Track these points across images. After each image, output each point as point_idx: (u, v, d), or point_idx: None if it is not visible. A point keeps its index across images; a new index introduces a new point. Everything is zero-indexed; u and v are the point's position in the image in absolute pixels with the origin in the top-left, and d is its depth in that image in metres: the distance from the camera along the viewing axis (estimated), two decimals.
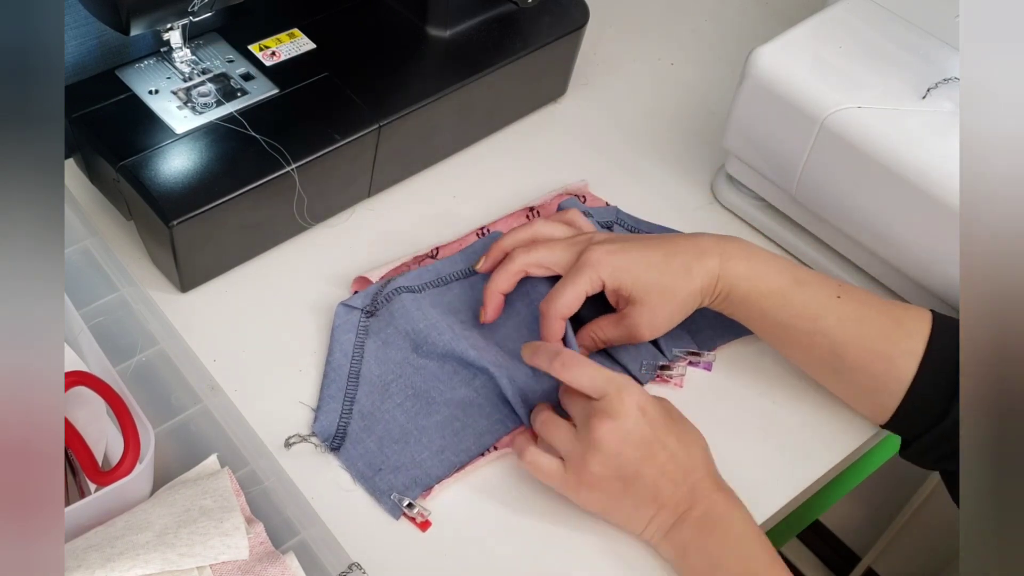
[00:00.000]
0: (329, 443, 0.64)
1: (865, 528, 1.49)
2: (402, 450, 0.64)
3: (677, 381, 0.71)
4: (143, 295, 0.64)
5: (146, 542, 0.51)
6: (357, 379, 0.67)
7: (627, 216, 0.80)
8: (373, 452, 0.64)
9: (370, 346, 0.69)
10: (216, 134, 0.70)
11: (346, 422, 0.65)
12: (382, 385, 0.67)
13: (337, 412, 0.65)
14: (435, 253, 0.75)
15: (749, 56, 0.74)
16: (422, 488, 0.63)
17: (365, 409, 0.66)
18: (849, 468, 0.74)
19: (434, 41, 0.80)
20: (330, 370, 0.67)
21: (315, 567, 0.55)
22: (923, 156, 0.67)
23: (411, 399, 0.67)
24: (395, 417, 0.66)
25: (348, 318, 0.70)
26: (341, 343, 0.69)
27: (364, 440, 0.65)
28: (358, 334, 0.69)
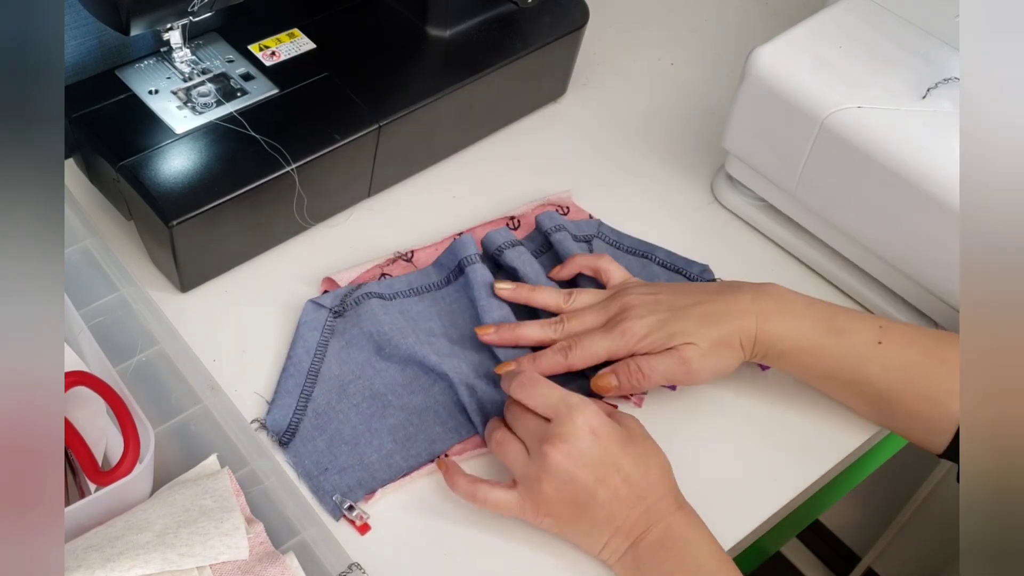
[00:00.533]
0: (279, 437, 0.64)
1: (865, 528, 1.49)
2: (351, 451, 0.64)
3: (637, 399, 0.69)
4: (143, 295, 0.64)
5: (146, 542, 0.51)
6: (316, 377, 0.67)
7: (608, 230, 0.79)
8: (322, 451, 0.64)
9: (333, 346, 0.69)
10: (216, 134, 0.70)
11: (299, 419, 0.65)
12: (340, 385, 0.67)
13: (291, 408, 0.65)
14: (410, 256, 0.75)
15: (749, 56, 0.74)
16: (365, 491, 0.62)
17: (320, 407, 0.66)
18: (849, 468, 0.74)
19: (434, 41, 0.80)
20: (290, 364, 0.67)
21: (315, 567, 0.55)
22: (923, 156, 0.67)
23: (367, 400, 0.66)
24: (349, 418, 0.65)
25: (315, 316, 0.69)
26: (305, 339, 0.68)
27: (315, 438, 0.64)
28: (323, 332, 0.69)
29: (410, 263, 0.74)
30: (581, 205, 0.81)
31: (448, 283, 0.73)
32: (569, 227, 0.77)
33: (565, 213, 0.80)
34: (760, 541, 0.70)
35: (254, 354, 0.69)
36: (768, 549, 1.11)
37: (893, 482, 1.34)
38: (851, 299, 0.78)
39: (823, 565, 1.57)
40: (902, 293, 0.75)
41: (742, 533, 0.65)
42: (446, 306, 0.72)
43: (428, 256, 0.75)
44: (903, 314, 0.76)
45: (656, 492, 0.59)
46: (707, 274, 0.77)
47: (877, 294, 0.77)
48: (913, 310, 0.76)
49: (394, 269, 0.74)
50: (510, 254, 0.74)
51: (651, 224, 0.81)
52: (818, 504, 0.87)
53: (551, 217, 0.77)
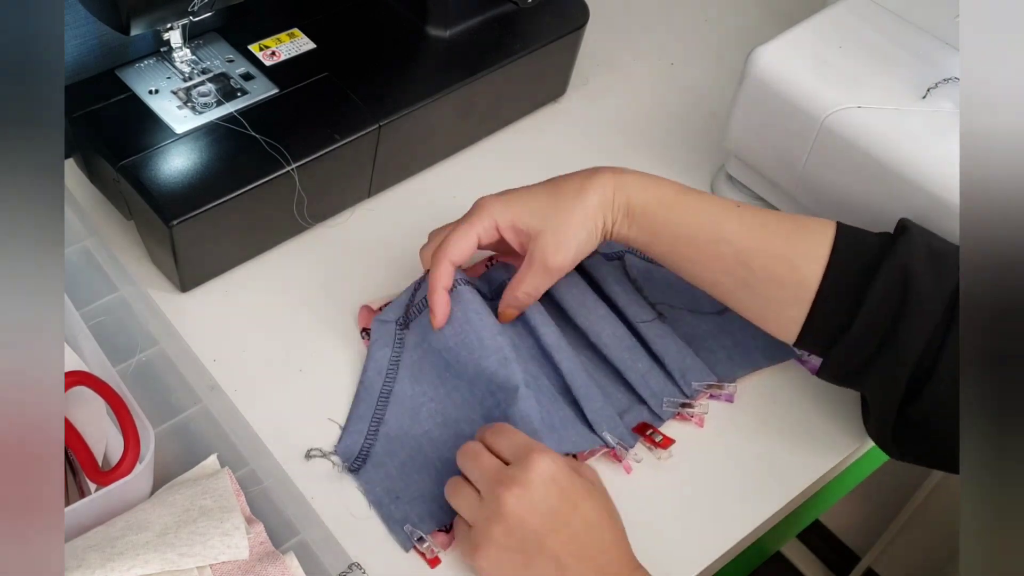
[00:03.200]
0: (350, 464, 0.63)
1: (865, 528, 1.49)
2: (423, 480, 0.63)
3: (698, 419, 0.69)
4: (143, 295, 0.64)
5: (146, 542, 0.51)
6: (388, 398, 0.66)
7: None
8: (394, 478, 0.63)
9: (405, 361, 0.68)
10: (216, 134, 0.70)
11: (370, 443, 0.64)
12: (413, 408, 0.66)
13: (362, 433, 0.64)
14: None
15: (749, 56, 0.74)
16: (437, 524, 0.61)
17: (392, 432, 0.65)
18: (849, 468, 0.74)
19: (434, 41, 0.80)
20: (362, 389, 0.66)
21: (315, 567, 0.55)
22: (923, 156, 0.67)
23: (439, 427, 0.66)
24: (421, 445, 0.65)
25: (383, 331, 0.68)
26: (376, 359, 0.67)
27: (386, 464, 0.63)
28: (394, 348, 0.68)
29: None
30: None
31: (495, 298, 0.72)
32: (600, 247, 0.75)
33: None
34: (760, 541, 0.70)
35: (254, 354, 0.69)
36: (768, 549, 1.11)
37: (893, 482, 1.34)
38: None
39: (823, 565, 1.57)
40: None
41: (742, 533, 0.65)
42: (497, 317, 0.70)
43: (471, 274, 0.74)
44: None
45: (607, 555, 0.57)
46: None
47: None
48: None
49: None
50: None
51: None
52: (818, 504, 0.87)
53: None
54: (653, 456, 0.66)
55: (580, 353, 0.70)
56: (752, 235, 0.63)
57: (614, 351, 0.69)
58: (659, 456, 0.66)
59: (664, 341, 0.70)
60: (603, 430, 0.66)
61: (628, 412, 0.68)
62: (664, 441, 0.67)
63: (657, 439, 0.67)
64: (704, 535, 0.64)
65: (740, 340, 0.72)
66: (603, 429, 0.66)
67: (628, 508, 0.63)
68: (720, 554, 0.64)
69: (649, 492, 0.66)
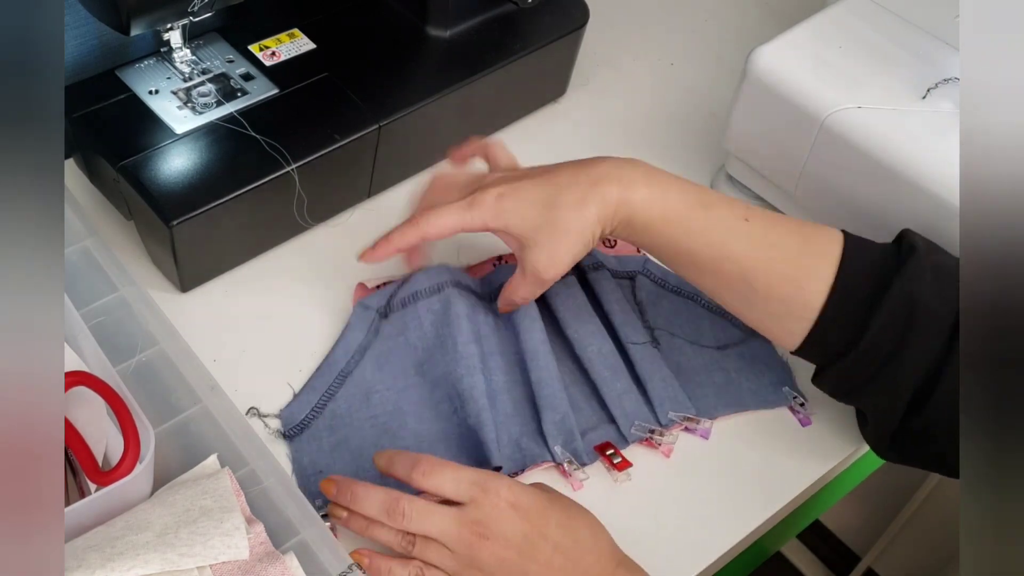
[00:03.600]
0: (286, 430, 0.64)
1: (865, 528, 1.49)
2: (351, 460, 0.63)
3: (665, 449, 0.67)
4: (143, 295, 0.64)
5: (146, 542, 0.51)
6: (345, 378, 0.67)
7: (655, 267, 0.76)
8: (324, 452, 0.63)
9: (375, 348, 0.68)
10: (216, 134, 0.70)
11: (314, 416, 0.65)
12: (366, 392, 0.66)
13: (310, 404, 0.65)
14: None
15: (749, 56, 0.74)
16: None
17: (339, 410, 0.65)
18: (849, 468, 0.74)
19: (434, 41, 0.80)
20: (325, 365, 0.67)
21: (315, 567, 0.55)
22: (923, 156, 0.67)
23: (388, 415, 0.65)
24: (362, 428, 0.65)
25: (362, 316, 0.69)
26: (346, 340, 0.68)
27: (322, 438, 0.64)
28: (367, 335, 0.68)
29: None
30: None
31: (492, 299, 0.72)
32: (610, 263, 0.75)
33: (612, 246, 0.78)
34: (760, 541, 0.70)
35: (254, 354, 0.69)
36: (768, 549, 1.11)
37: (893, 482, 1.34)
38: None
39: (823, 565, 1.57)
40: None
41: (742, 533, 0.65)
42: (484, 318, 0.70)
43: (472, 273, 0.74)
44: None
45: (591, 554, 0.56)
46: None
47: None
48: None
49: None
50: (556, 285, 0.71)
51: None
52: (818, 504, 0.87)
53: (590, 255, 0.74)
54: (609, 476, 0.66)
55: (562, 363, 0.69)
56: (758, 255, 0.62)
57: (596, 367, 0.69)
58: (615, 478, 0.65)
59: (651, 366, 0.69)
60: (556, 443, 0.65)
61: (595, 430, 0.67)
62: (622, 463, 0.65)
63: (615, 460, 0.65)
64: (704, 535, 0.64)
65: (733, 379, 0.71)
66: (556, 442, 0.65)
67: (628, 508, 0.63)
68: (720, 554, 0.64)
69: (650, 493, 0.66)
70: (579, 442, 0.65)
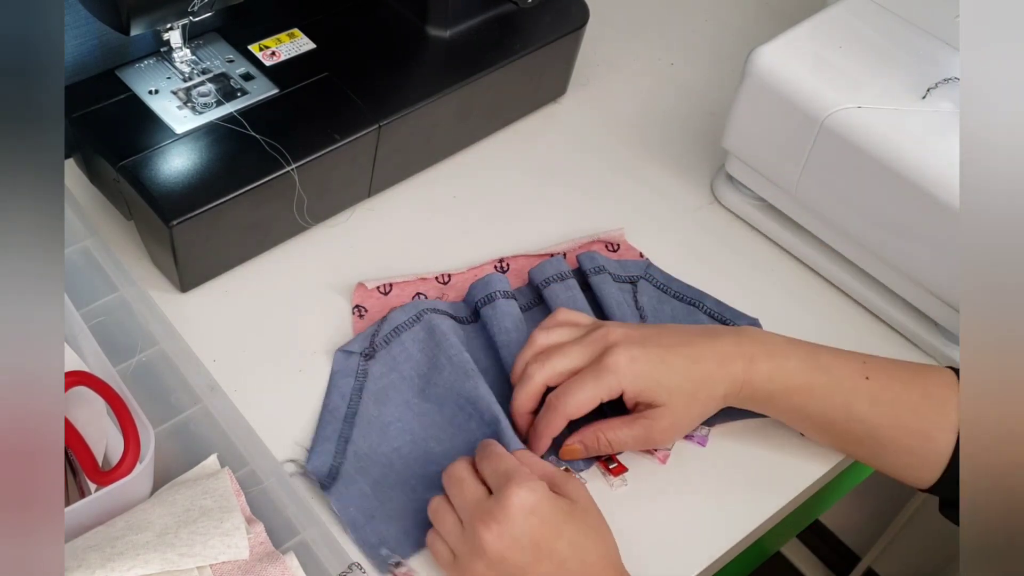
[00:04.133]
0: (321, 480, 0.62)
1: (865, 528, 1.49)
2: (397, 497, 0.62)
3: (662, 456, 0.67)
4: (143, 295, 0.64)
5: (146, 542, 0.51)
6: (353, 419, 0.65)
7: (657, 272, 0.76)
8: (368, 496, 0.61)
9: (369, 388, 0.67)
10: (216, 134, 0.70)
11: (339, 461, 0.63)
12: (381, 426, 0.65)
13: (330, 453, 0.63)
14: (447, 280, 0.74)
15: (749, 56, 0.74)
16: (415, 545, 0.60)
17: (361, 450, 0.63)
18: (849, 468, 0.74)
19: (434, 41, 0.80)
20: (326, 412, 0.65)
21: (315, 567, 0.55)
22: (923, 156, 0.67)
23: (409, 445, 0.64)
24: (392, 462, 0.63)
25: (347, 364, 0.68)
26: (339, 387, 0.67)
27: (358, 481, 0.62)
28: (357, 378, 0.67)
29: (446, 286, 0.74)
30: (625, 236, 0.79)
31: (476, 319, 0.71)
32: (612, 267, 0.74)
33: (615, 250, 0.78)
34: (760, 541, 0.70)
35: (254, 354, 0.69)
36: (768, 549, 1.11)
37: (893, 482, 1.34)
38: (851, 299, 0.78)
39: (823, 565, 1.57)
40: (902, 293, 0.75)
41: (742, 533, 0.65)
42: (478, 342, 0.70)
43: (465, 281, 0.73)
44: (903, 314, 0.76)
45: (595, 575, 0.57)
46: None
47: (877, 294, 0.77)
48: (913, 310, 0.76)
49: (429, 289, 0.73)
50: (557, 287, 0.71)
51: (651, 224, 0.81)
52: (818, 504, 0.87)
53: (592, 258, 0.74)
54: (605, 482, 0.65)
55: None
56: (883, 412, 0.62)
57: None
58: (611, 483, 0.65)
59: None
60: (549, 454, 0.65)
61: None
62: (617, 468, 0.65)
63: (611, 465, 0.65)
64: (704, 535, 0.64)
65: None
66: (550, 453, 0.65)
67: (629, 509, 0.63)
68: (720, 554, 0.64)
69: (650, 493, 0.65)
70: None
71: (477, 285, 0.71)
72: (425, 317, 0.69)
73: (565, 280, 0.72)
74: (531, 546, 0.55)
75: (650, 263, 0.77)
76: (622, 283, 0.75)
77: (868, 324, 0.77)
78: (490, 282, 0.71)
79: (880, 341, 0.76)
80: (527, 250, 0.77)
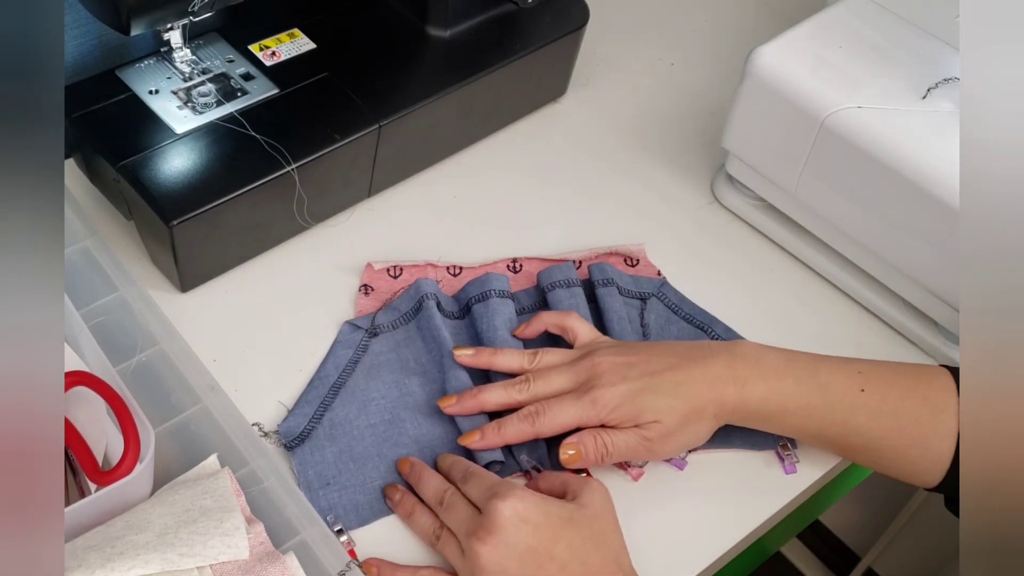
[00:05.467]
0: (288, 441, 0.63)
1: (865, 528, 1.49)
2: (356, 470, 0.63)
3: (635, 474, 0.65)
4: (143, 295, 0.64)
5: (146, 542, 0.51)
6: (339, 389, 0.66)
7: (671, 291, 0.75)
8: (328, 463, 0.63)
9: (365, 362, 0.68)
10: (216, 134, 0.70)
11: (313, 426, 0.64)
12: (363, 400, 0.66)
13: (307, 416, 0.65)
14: (457, 272, 0.74)
15: (749, 56, 0.74)
16: (361, 521, 0.61)
17: (337, 418, 0.65)
18: (849, 468, 0.74)
19: (434, 41, 0.80)
20: (316, 379, 0.67)
21: (315, 567, 0.55)
22: (923, 156, 0.67)
23: (385, 423, 0.65)
24: (363, 435, 0.65)
25: (351, 336, 0.69)
26: (336, 356, 0.68)
27: (324, 448, 0.63)
28: (356, 351, 0.68)
29: (456, 278, 0.74)
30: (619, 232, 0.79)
31: (465, 315, 0.72)
32: (624, 282, 0.74)
33: (634, 265, 0.77)
34: (760, 541, 0.70)
35: (254, 354, 0.69)
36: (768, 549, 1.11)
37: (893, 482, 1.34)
38: (851, 299, 0.78)
39: (823, 565, 1.57)
40: (902, 293, 0.75)
41: (742, 533, 0.65)
42: (461, 338, 0.71)
43: (475, 276, 0.74)
44: (903, 314, 0.76)
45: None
46: None
47: (877, 294, 0.77)
48: (913, 310, 0.76)
49: (438, 277, 0.74)
50: (561, 292, 0.71)
51: (651, 224, 0.81)
52: (818, 504, 0.87)
53: (603, 270, 0.74)
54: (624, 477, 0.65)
55: None
56: (881, 424, 0.62)
57: None
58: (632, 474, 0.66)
59: None
60: (521, 452, 0.64)
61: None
62: (586, 476, 0.64)
63: (580, 473, 0.64)
64: (704, 535, 0.64)
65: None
66: (522, 451, 0.64)
67: (629, 509, 0.63)
68: (720, 554, 0.64)
69: (650, 493, 0.65)
70: (544, 450, 0.65)
71: (474, 282, 0.72)
72: (426, 304, 0.70)
73: (571, 287, 0.72)
74: (528, 553, 0.55)
75: (665, 281, 0.76)
76: (631, 299, 0.74)
77: (868, 324, 0.77)
78: (487, 280, 0.71)
79: (880, 341, 0.76)
80: (545, 254, 0.77)
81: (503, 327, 0.69)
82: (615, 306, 0.72)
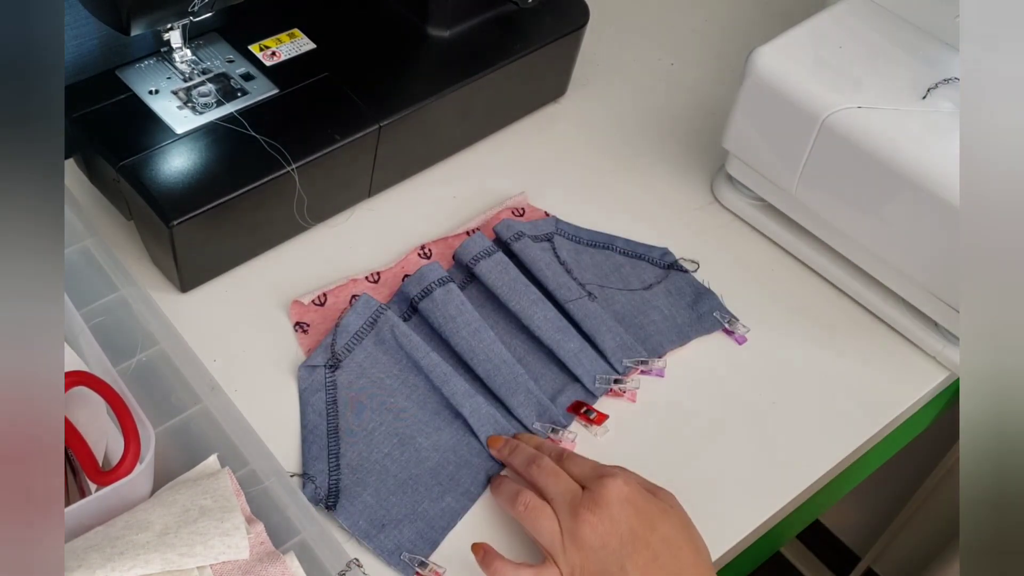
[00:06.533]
0: (324, 503, 0.61)
1: (865, 528, 1.49)
2: (401, 501, 0.62)
3: (630, 395, 0.69)
4: (143, 295, 0.64)
5: (146, 542, 0.51)
6: (336, 434, 0.65)
7: (566, 226, 0.78)
8: (372, 507, 0.62)
9: (342, 399, 0.66)
10: (216, 134, 0.70)
11: (336, 478, 0.63)
12: (365, 435, 0.65)
13: (325, 473, 0.63)
14: (376, 278, 0.74)
15: (749, 56, 0.74)
16: (431, 545, 0.61)
17: (352, 462, 0.63)
18: (849, 468, 0.74)
19: (434, 41, 0.80)
20: (307, 433, 0.65)
21: (315, 567, 0.55)
22: (923, 156, 0.67)
23: (398, 448, 0.65)
24: (386, 467, 0.64)
25: (313, 378, 0.67)
26: (312, 404, 0.66)
27: (360, 494, 0.62)
28: (327, 391, 0.67)
29: (377, 284, 0.73)
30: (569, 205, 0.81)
31: (414, 314, 0.71)
32: (527, 229, 0.76)
33: (521, 215, 0.79)
34: (760, 541, 0.70)
35: (254, 354, 0.69)
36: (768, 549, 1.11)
37: (893, 482, 1.34)
38: (851, 299, 0.78)
39: (823, 565, 1.57)
40: (902, 293, 0.75)
41: (742, 533, 0.65)
42: (421, 333, 0.70)
43: (395, 276, 0.74)
44: (903, 314, 0.76)
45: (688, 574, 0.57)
46: (667, 257, 0.78)
47: (877, 294, 0.77)
48: (913, 310, 0.76)
49: (361, 290, 0.72)
50: (486, 264, 0.72)
51: (651, 224, 0.81)
52: (818, 504, 0.87)
53: (508, 226, 0.75)
54: (589, 433, 0.67)
55: (515, 337, 0.71)
56: None
57: (546, 333, 0.70)
58: (594, 432, 0.67)
59: (594, 320, 0.71)
60: (532, 421, 0.66)
61: (563, 392, 0.69)
62: (598, 417, 0.67)
63: (591, 416, 0.67)
64: (704, 535, 0.64)
65: (667, 315, 0.74)
66: (532, 420, 0.66)
67: None
68: (720, 554, 0.64)
69: None
70: (552, 409, 0.67)
71: (411, 281, 0.71)
72: (381, 318, 0.69)
73: (492, 255, 0.73)
74: (629, 534, 0.56)
75: (557, 219, 0.79)
76: (541, 243, 0.76)
77: (868, 324, 0.77)
78: (423, 275, 0.71)
79: (880, 341, 0.76)
80: (443, 233, 0.78)
81: (457, 313, 0.69)
82: (536, 254, 0.74)
